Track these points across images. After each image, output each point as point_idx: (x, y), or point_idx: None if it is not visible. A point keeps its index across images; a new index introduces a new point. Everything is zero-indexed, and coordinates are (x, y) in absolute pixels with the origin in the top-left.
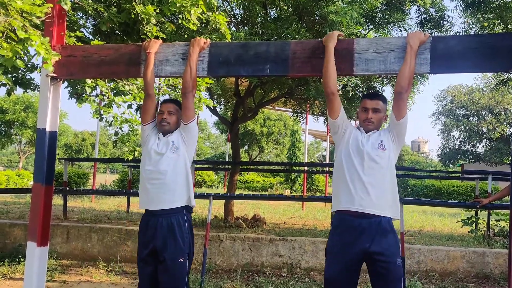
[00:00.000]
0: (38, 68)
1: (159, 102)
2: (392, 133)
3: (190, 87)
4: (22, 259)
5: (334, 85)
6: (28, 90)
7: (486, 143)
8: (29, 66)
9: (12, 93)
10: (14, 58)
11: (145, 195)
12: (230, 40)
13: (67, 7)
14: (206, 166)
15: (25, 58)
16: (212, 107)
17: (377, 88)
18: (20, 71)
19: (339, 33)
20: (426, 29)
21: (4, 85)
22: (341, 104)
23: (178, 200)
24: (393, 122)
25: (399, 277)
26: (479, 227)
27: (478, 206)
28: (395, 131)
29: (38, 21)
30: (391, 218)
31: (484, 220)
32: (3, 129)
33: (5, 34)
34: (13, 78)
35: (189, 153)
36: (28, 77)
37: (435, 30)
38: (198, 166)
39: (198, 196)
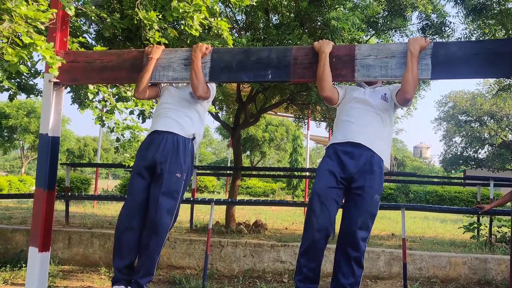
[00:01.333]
0: (41, 73)
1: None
2: (394, 102)
3: (200, 91)
4: (23, 265)
5: (329, 90)
6: (31, 96)
7: (488, 149)
8: (32, 71)
9: (15, 98)
10: (18, 63)
11: (157, 119)
12: (232, 46)
13: (71, 12)
14: (208, 171)
15: (29, 63)
16: (214, 113)
17: None
18: (23, 77)
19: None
20: (428, 35)
21: (8, 90)
22: (338, 91)
23: (187, 131)
24: (395, 100)
25: (373, 212)
26: (481, 233)
27: (480, 212)
28: (396, 104)
29: (42, 27)
30: (382, 160)
31: (486, 226)
32: (5, 134)
33: (9, 40)
34: (16, 84)
35: (205, 106)
36: (31, 82)
37: (437, 36)
38: (199, 171)
39: (199, 201)
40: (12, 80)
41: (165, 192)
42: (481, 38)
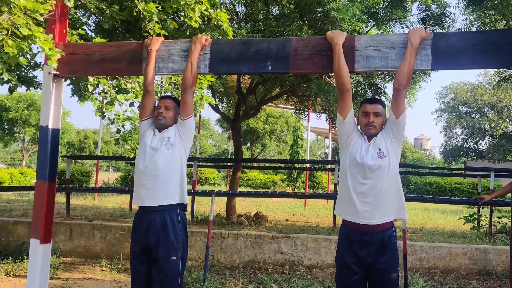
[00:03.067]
0: (41, 66)
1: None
2: (392, 131)
3: (190, 84)
4: (25, 257)
5: (349, 82)
6: (31, 88)
7: (488, 140)
8: (31, 64)
9: (15, 90)
10: (18, 55)
11: (139, 191)
12: (232, 38)
13: (70, 4)
14: (209, 163)
15: (28, 56)
16: (214, 105)
17: (379, 85)
18: (23, 69)
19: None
20: (428, 26)
21: (7, 82)
22: (352, 104)
23: (172, 196)
24: (392, 120)
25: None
26: (482, 224)
27: (480, 203)
28: (395, 129)
29: (41, 19)
30: (393, 227)
31: (487, 217)
32: (6, 127)
33: (9, 32)
34: (16, 76)
35: (185, 149)
36: (30, 75)
37: (437, 26)
38: (200, 163)
39: (200, 193)
40: (12, 73)
41: (165, 280)
42: (481, 29)
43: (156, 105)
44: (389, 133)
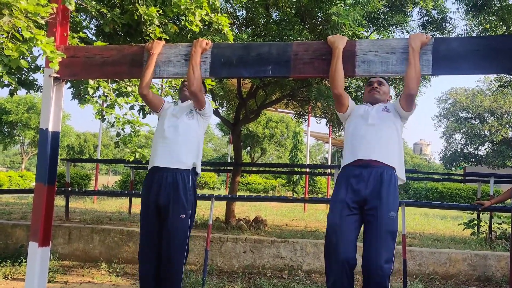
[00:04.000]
0: (42, 68)
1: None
2: (398, 112)
3: (194, 86)
4: (24, 260)
5: (342, 87)
6: (31, 91)
7: (488, 145)
8: (32, 66)
9: (15, 93)
10: (19, 58)
11: (155, 152)
12: (233, 42)
13: (71, 7)
14: (208, 167)
15: (29, 58)
16: (214, 109)
17: None
18: (23, 72)
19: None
20: (428, 31)
21: (8, 85)
22: (349, 96)
23: (186, 162)
24: (399, 109)
25: (391, 230)
26: (481, 230)
27: (480, 209)
28: (401, 114)
29: (42, 21)
30: (395, 170)
31: (486, 223)
32: (6, 130)
33: (10, 35)
34: (16, 79)
35: (203, 125)
36: (31, 78)
37: (437, 32)
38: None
39: (200, 197)
40: (12, 75)
41: (173, 236)
42: (482, 35)
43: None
44: (394, 109)
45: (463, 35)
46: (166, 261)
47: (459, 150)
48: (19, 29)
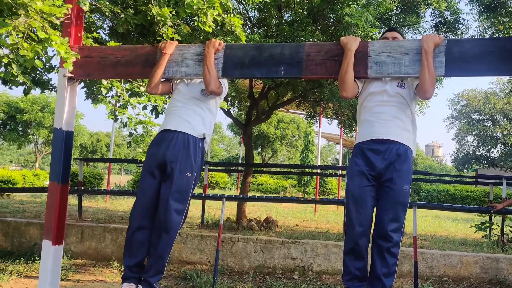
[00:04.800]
0: (56, 68)
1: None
2: (412, 87)
3: (214, 87)
4: (37, 258)
5: (351, 91)
6: (45, 91)
7: (500, 148)
8: (46, 66)
9: (30, 92)
10: (34, 58)
11: (168, 118)
12: (245, 43)
13: (86, 7)
14: (219, 167)
15: (43, 58)
16: (226, 109)
17: None
18: (38, 72)
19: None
20: (441, 32)
21: (22, 84)
22: (359, 86)
23: (197, 131)
24: (414, 90)
25: (403, 201)
26: (493, 233)
27: (492, 211)
28: (415, 96)
29: (57, 22)
30: (409, 148)
31: (498, 226)
32: (20, 129)
33: (25, 35)
34: (31, 78)
35: (218, 101)
36: (45, 77)
37: (450, 33)
38: (211, 167)
39: (211, 197)
40: (27, 75)
41: (175, 193)
42: (495, 36)
43: None
44: (410, 85)
45: (476, 37)
46: (163, 212)
47: (471, 152)
48: (34, 29)
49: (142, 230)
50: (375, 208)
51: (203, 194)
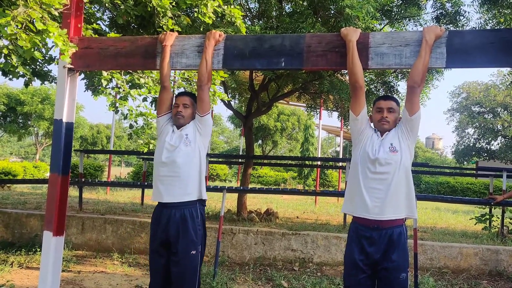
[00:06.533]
0: (56, 60)
1: (175, 95)
2: (406, 128)
3: (206, 80)
4: (38, 249)
5: (362, 78)
6: (45, 82)
7: (501, 140)
8: (46, 58)
9: (30, 84)
10: (33, 49)
11: (158, 187)
12: (245, 34)
13: None
14: (220, 159)
15: (43, 50)
16: (226, 101)
17: (391, 83)
18: (37, 63)
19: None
20: (442, 24)
21: (23, 76)
22: (365, 101)
23: (191, 193)
24: (406, 118)
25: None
26: (493, 225)
27: (492, 203)
28: (408, 126)
29: (56, 13)
30: (404, 224)
31: (498, 218)
32: (20, 120)
33: (23, 26)
34: (31, 70)
35: (204, 145)
36: (45, 69)
37: (451, 25)
38: (211, 159)
39: (211, 189)
40: (27, 67)
41: (183, 274)
42: (496, 28)
43: (174, 102)
44: (403, 130)
45: (477, 29)
46: None
47: (471, 144)
48: (34, 20)
49: None
50: None
51: None
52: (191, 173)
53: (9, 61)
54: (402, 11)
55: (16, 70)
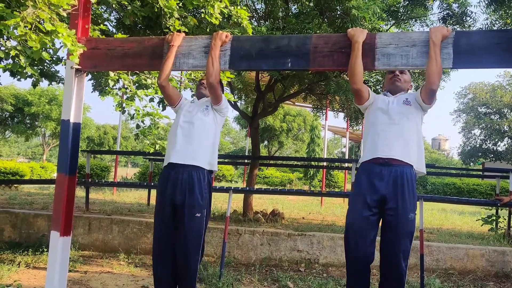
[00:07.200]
0: (63, 60)
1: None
2: (419, 103)
3: (215, 80)
4: (45, 249)
5: (361, 82)
6: (53, 83)
7: (507, 141)
8: (54, 58)
9: (38, 84)
10: (41, 50)
11: (171, 148)
12: (252, 35)
13: None
14: (226, 160)
15: (51, 50)
16: (232, 102)
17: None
18: (45, 64)
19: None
20: (449, 25)
21: (30, 77)
22: (368, 89)
23: (201, 159)
24: (420, 101)
25: (409, 232)
26: (500, 226)
27: (498, 204)
28: (421, 106)
29: (65, 14)
30: (413, 168)
31: (505, 219)
32: (28, 121)
33: (33, 26)
34: (39, 71)
35: (220, 121)
36: (53, 69)
37: (458, 26)
38: (218, 160)
39: (217, 189)
40: (35, 67)
41: (189, 242)
42: (503, 28)
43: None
44: (417, 105)
45: (483, 29)
46: (182, 261)
47: (478, 145)
48: (42, 21)
49: (165, 265)
50: (375, 237)
51: None
52: (205, 141)
53: (17, 61)
54: (409, 12)
55: (24, 71)
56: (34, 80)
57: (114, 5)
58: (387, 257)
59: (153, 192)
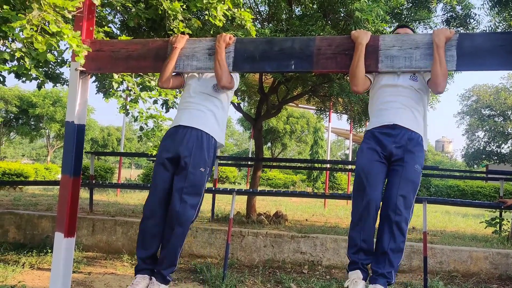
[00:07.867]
0: (68, 62)
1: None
2: (424, 81)
3: (226, 81)
4: (49, 250)
5: (362, 85)
6: (57, 84)
7: (511, 143)
8: (58, 60)
9: (43, 86)
10: (47, 52)
11: (181, 114)
12: (255, 37)
13: (97, 1)
14: (229, 162)
15: (55, 52)
16: (236, 104)
17: None
18: (50, 66)
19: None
20: (452, 27)
21: (35, 78)
22: (370, 80)
23: (210, 128)
24: (424, 80)
25: (414, 180)
26: (503, 228)
27: (502, 207)
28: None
29: (70, 16)
30: (421, 137)
31: (509, 221)
32: (32, 123)
33: (39, 28)
34: (44, 72)
35: (230, 95)
36: (57, 71)
37: (462, 28)
38: (221, 162)
39: (221, 191)
40: (40, 69)
41: (189, 188)
42: (506, 30)
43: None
44: (422, 79)
45: (487, 31)
46: (174, 215)
47: (481, 147)
48: (48, 22)
49: (155, 222)
50: (383, 184)
51: (213, 188)
52: (215, 110)
53: (22, 63)
54: (412, 14)
55: (29, 73)
56: (39, 82)
57: (118, 7)
58: (388, 200)
59: None
